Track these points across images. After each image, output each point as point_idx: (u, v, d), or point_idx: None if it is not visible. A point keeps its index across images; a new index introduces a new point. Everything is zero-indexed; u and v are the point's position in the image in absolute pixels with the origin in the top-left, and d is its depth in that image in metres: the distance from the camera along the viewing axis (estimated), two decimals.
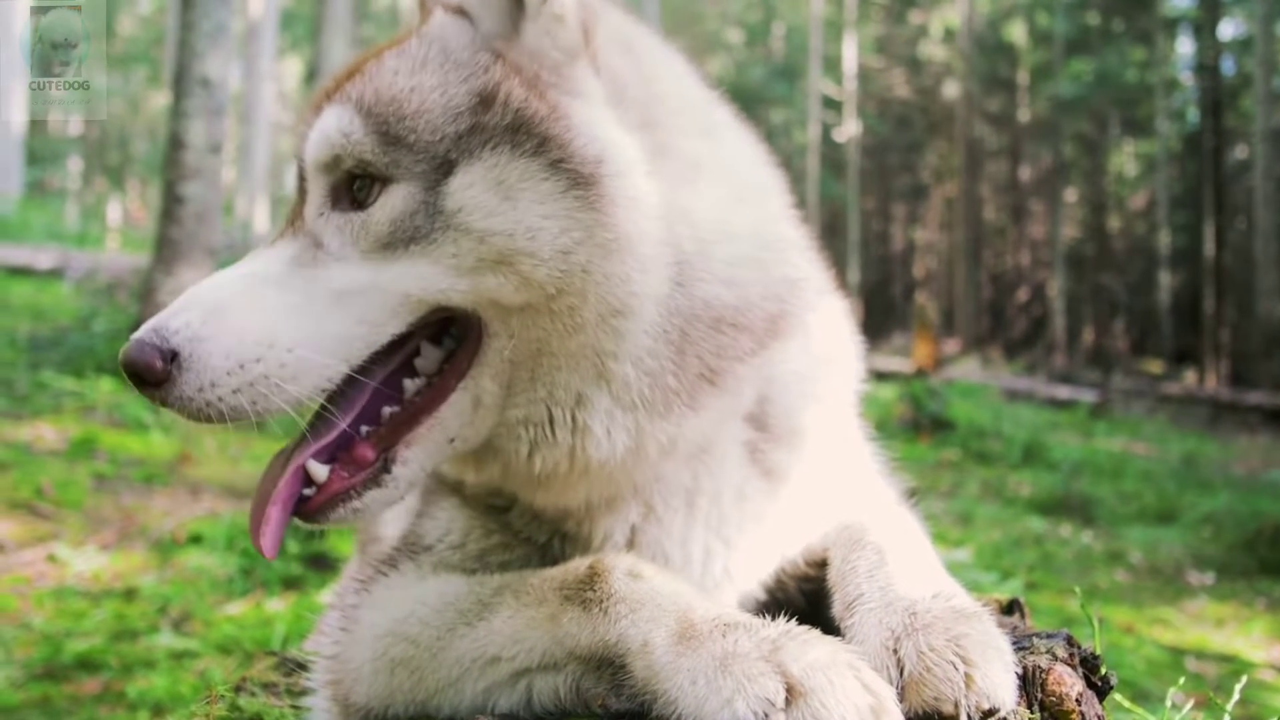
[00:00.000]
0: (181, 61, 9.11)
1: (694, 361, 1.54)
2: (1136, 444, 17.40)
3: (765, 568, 1.76)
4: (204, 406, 1.42)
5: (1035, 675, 1.35)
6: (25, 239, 18.42)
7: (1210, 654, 6.72)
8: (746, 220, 1.63)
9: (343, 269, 1.49)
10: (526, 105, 1.49)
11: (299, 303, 1.47)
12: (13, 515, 5.91)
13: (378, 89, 1.52)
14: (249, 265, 1.54)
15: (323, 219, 1.55)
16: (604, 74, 1.58)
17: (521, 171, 1.46)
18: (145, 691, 4.02)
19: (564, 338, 1.48)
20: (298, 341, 1.44)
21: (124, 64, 42.81)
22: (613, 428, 1.53)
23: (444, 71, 1.52)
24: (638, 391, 1.52)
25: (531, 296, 1.46)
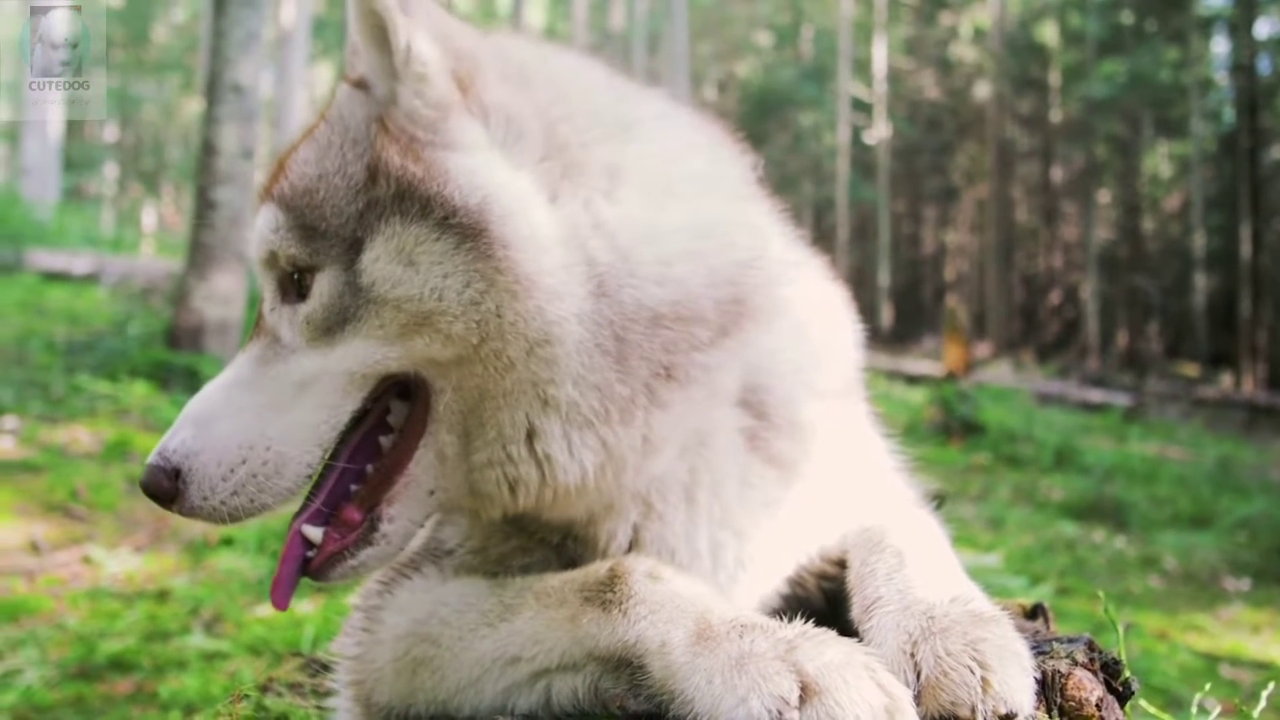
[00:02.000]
0: (214, 68, 9.21)
1: (641, 364, 1.54)
2: (1171, 448, 17.22)
3: (785, 560, 1.76)
4: (213, 511, 1.55)
5: (1055, 680, 1.35)
6: (62, 244, 18.66)
7: (1245, 661, 6.65)
8: (677, 213, 1.62)
9: (298, 360, 1.58)
10: (404, 170, 1.51)
11: (268, 401, 1.57)
12: (48, 517, 5.99)
13: (293, 183, 1.58)
14: (229, 372, 1.66)
15: (275, 313, 1.62)
16: (493, 116, 1.58)
17: (415, 236, 1.49)
18: (177, 692, 4.07)
19: (498, 379, 1.51)
20: (273, 438, 1.55)
21: (158, 71, 43.31)
22: (574, 448, 1.54)
23: (344, 151, 1.57)
24: (587, 408, 1.52)
25: (458, 349, 1.49)
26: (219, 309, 9.07)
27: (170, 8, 46.76)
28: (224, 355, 9.04)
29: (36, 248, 16.64)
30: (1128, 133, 41.35)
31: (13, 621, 4.67)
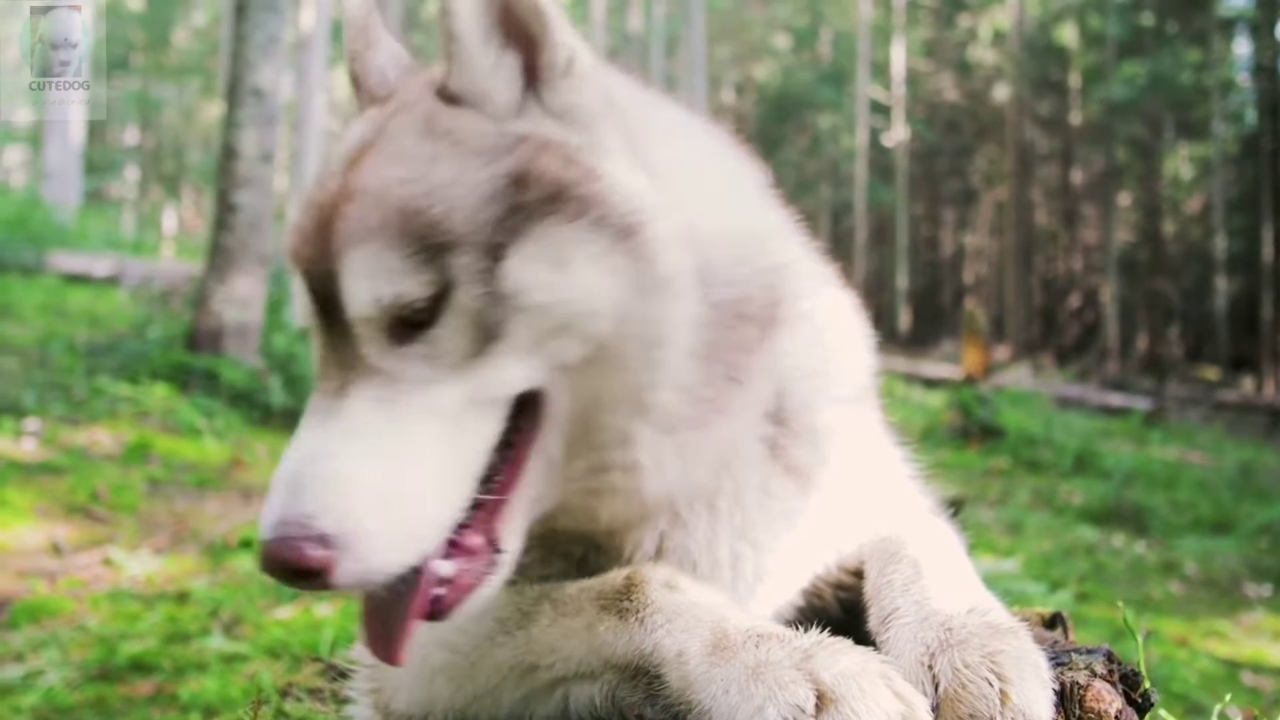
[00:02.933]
0: (234, 72, 9.25)
1: (718, 366, 1.55)
2: (1191, 452, 17.10)
3: (802, 570, 1.76)
4: (374, 575, 1.35)
5: (1073, 691, 1.34)
6: (83, 247, 18.77)
7: (1267, 668, 6.61)
8: (732, 211, 1.65)
9: (435, 392, 1.42)
10: (563, 174, 1.46)
11: (411, 442, 1.40)
12: (69, 519, 6.03)
13: (398, 207, 1.41)
14: (336, 424, 1.41)
15: (391, 355, 1.43)
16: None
17: (567, 239, 1.44)
18: (197, 694, 4.08)
19: (609, 382, 1.49)
20: (429, 481, 1.40)
21: (179, 75, 43.60)
22: (661, 455, 1.54)
23: (460, 161, 1.46)
24: (676, 413, 1.53)
25: (589, 352, 1.45)
26: (238, 312, 9.11)
27: (191, 11, 47.05)
28: (243, 358, 9.09)
29: (58, 250, 16.74)
30: (1148, 135, 41.11)
31: (34, 623, 4.69)
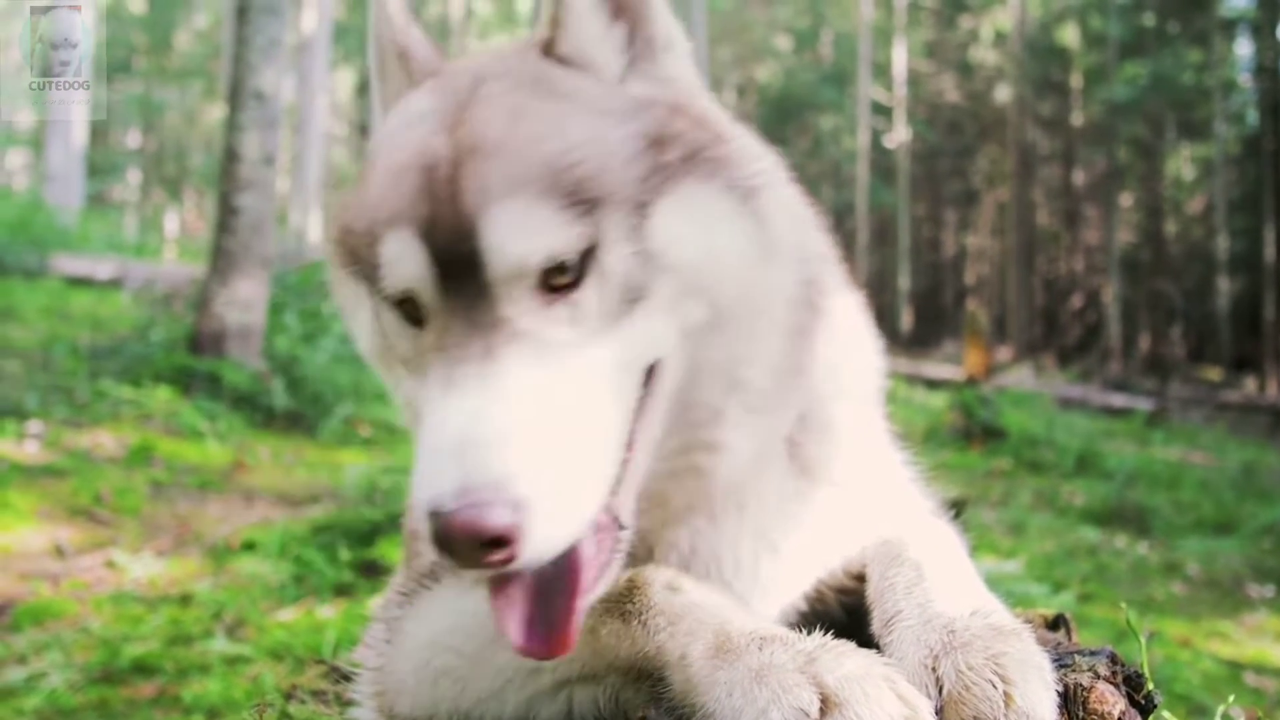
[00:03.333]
0: (236, 75, 9.26)
1: (795, 350, 1.59)
2: (1194, 453, 17.09)
3: (807, 574, 1.76)
4: (555, 544, 1.27)
5: (1077, 693, 1.34)
6: (86, 249, 18.79)
7: (1270, 669, 6.61)
8: (789, 194, 1.68)
9: (585, 355, 1.37)
10: (698, 136, 1.48)
11: (571, 407, 1.34)
12: (72, 521, 6.04)
13: (542, 162, 1.37)
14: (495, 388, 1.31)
15: (536, 317, 1.36)
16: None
17: (705, 198, 1.45)
18: (200, 696, 4.09)
19: (716, 351, 1.48)
20: (594, 450, 1.35)
21: (180, 78, 43.61)
22: (742, 438, 1.55)
23: (594, 120, 1.44)
24: (761, 392, 1.55)
25: (709, 317, 1.45)
26: (241, 315, 9.12)
27: (192, 14, 47.09)
28: (245, 360, 9.09)
29: (60, 253, 16.76)
30: (1150, 135, 41.08)
31: (37, 625, 4.71)
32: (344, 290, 1.59)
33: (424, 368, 1.39)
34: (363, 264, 1.46)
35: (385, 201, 1.42)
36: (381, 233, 1.40)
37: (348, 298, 1.59)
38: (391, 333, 1.47)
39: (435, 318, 1.39)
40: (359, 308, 1.55)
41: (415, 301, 1.41)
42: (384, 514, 5.97)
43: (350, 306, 1.59)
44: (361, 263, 1.46)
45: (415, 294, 1.40)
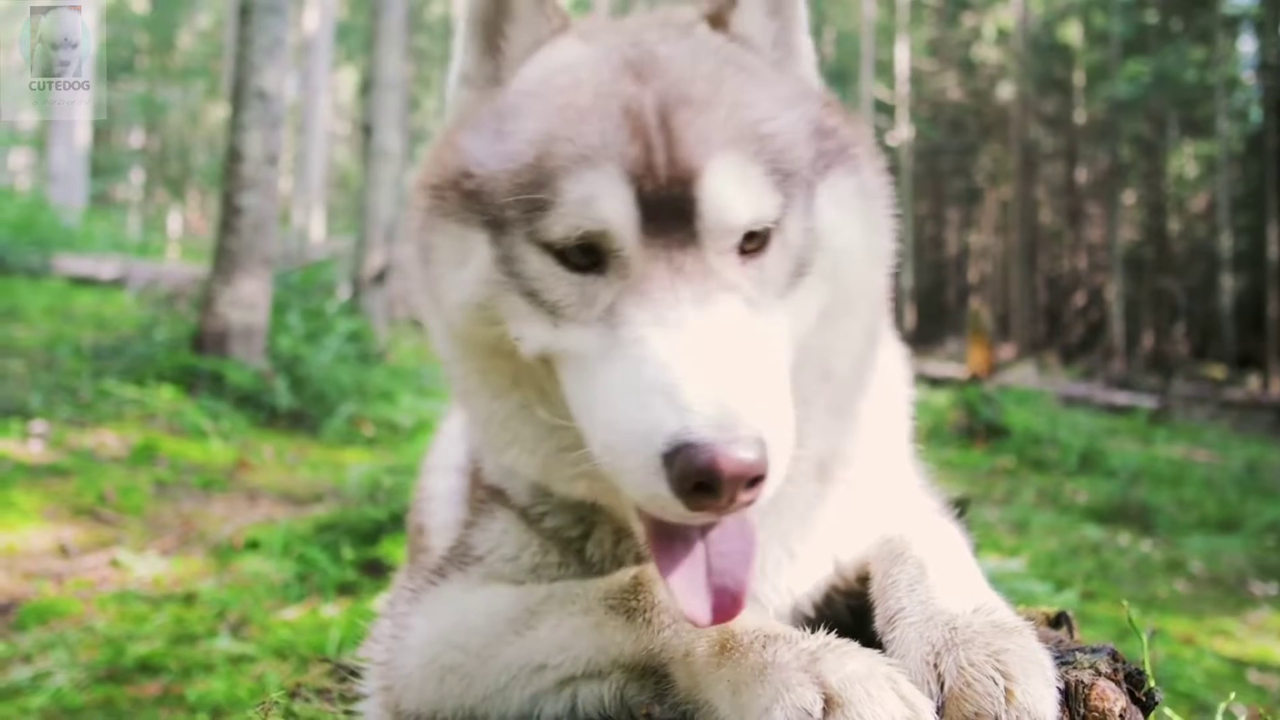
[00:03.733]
0: (239, 75, 9.27)
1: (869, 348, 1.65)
2: (1197, 451, 17.09)
3: (817, 576, 1.77)
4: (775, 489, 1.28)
5: (1078, 690, 1.35)
6: (89, 249, 18.82)
7: (1273, 666, 6.60)
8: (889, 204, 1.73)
9: (767, 319, 1.40)
10: (848, 133, 1.57)
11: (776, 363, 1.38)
12: (77, 521, 6.05)
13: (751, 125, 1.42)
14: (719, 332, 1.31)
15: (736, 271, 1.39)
16: None
17: (849, 190, 1.53)
18: (204, 695, 4.10)
19: (823, 337, 1.53)
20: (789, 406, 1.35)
21: (183, 77, 43.64)
22: (817, 427, 1.56)
23: (775, 99, 1.49)
24: (843, 388, 1.61)
25: (830, 303, 1.52)
26: (244, 314, 9.12)
27: (195, 14, 47.11)
28: (248, 360, 9.10)
29: (64, 253, 16.80)
30: (1153, 133, 41.03)
31: (42, 624, 4.72)
32: (441, 239, 1.52)
33: (594, 312, 1.37)
34: (493, 207, 1.43)
35: (573, 139, 1.38)
36: (573, 169, 1.37)
37: (445, 248, 1.52)
38: (541, 277, 1.41)
39: (628, 262, 1.36)
40: (468, 256, 1.48)
41: (595, 244, 1.38)
42: (387, 513, 5.97)
43: (447, 257, 1.52)
44: (490, 206, 1.43)
45: (607, 235, 1.36)
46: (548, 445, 1.56)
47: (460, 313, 1.51)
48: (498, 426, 1.61)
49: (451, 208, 1.49)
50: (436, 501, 2.22)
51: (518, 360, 1.49)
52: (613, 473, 1.28)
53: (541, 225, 1.38)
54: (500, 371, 1.55)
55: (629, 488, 1.26)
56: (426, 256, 1.56)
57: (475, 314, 1.49)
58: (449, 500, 2.11)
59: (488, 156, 1.45)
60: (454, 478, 2.11)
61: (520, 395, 1.56)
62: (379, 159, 14.13)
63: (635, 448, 1.22)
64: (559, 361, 1.41)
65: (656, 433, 1.20)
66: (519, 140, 1.43)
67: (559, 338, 1.40)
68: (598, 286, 1.38)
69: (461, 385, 1.65)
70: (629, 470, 1.24)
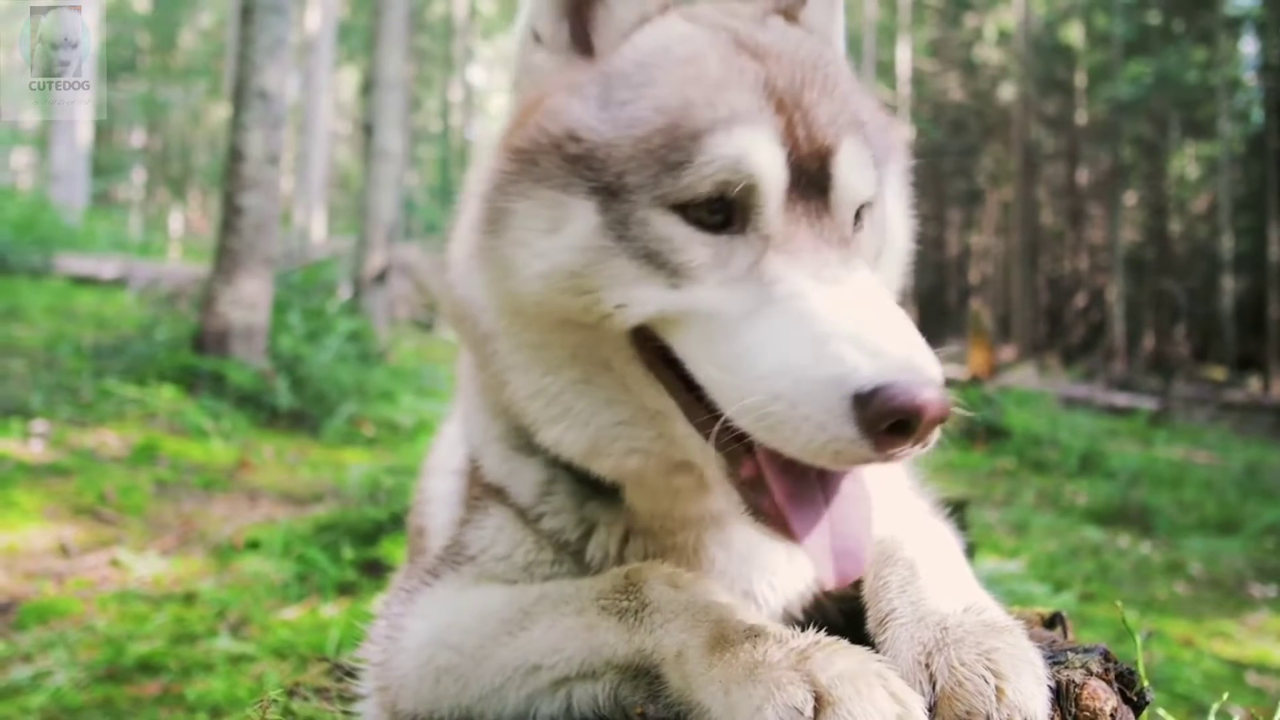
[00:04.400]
0: (240, 75, 9.27)
1: None
2: (1198, 452, 17.09)
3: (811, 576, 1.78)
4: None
5: (1069, 690, 1.36)
6: (90, 249, 18.85)
7: (1272, 668, 6.60)
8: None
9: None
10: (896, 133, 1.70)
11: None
12: (77, 520, 6.06)
13: (856, 112, 1.53)
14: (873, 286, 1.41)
15: (856, 241, 1.50)
16: None
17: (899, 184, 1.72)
18: (204, 694, 4.11)
19: None
20: None
21: (185, 77, 43.68)
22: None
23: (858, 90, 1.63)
24: None
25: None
26: (245, 314, 9.13)
27: (197, 13, 47.15)
28: (249, 359, 9.11)
29: (65, 252, 16.82)
30: (1154, 134, 41.03)
31: (42, 624, 4.72)
32: (526, 205, 1.51)
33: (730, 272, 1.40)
34: (619, 169, 1.43)
35: (715, 104, 1.43)
36: (720, 129, 1.40)
37: (530, 214, 1.51)
38: (670, 238, 1.42)
39: (771, 221, 1.42)
40: (563, 222, 1.47)
41: (737, 200, 1.41)
42: (387, 513, 5.98)
43: (533, 223, 1.50)
44: (612, 169, 1.44)
45: (756, 190, 1.41)
46: (602, 418, 1.56)
47: (542, 281, 1.49)
48: (547, 401, 1.59)
49: (546, 172, 1.48)
50: (435, 504, 2.23)
51: (585, 333, 1.51)
52: (778, 422, 1.28)
53: (674, 186, 1.40)
54: (561, 345, 1.55)
55: (801, 435, 1.26)
56: (499, 224, 1.54)
57: (563, 282, 1.47)
58: (448, 502, 2.12)
59: (600, 122, 1.47)
60: (453, 480, 2.12)
61: (578, 369, 1.56)
62: (380, 159, 14.14)
63: (820, 392, 1.24)
64: (678, 324, 1.42)
65: (849, 376, 1.23)
66: (643, 107, 1.46)
67: (682, 299, 1.42)
68: (734, 245, 1.42)
69: (508, 361, 1.63)
70: (809, 415, 1.25)
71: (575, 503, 1.75)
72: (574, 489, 1.74)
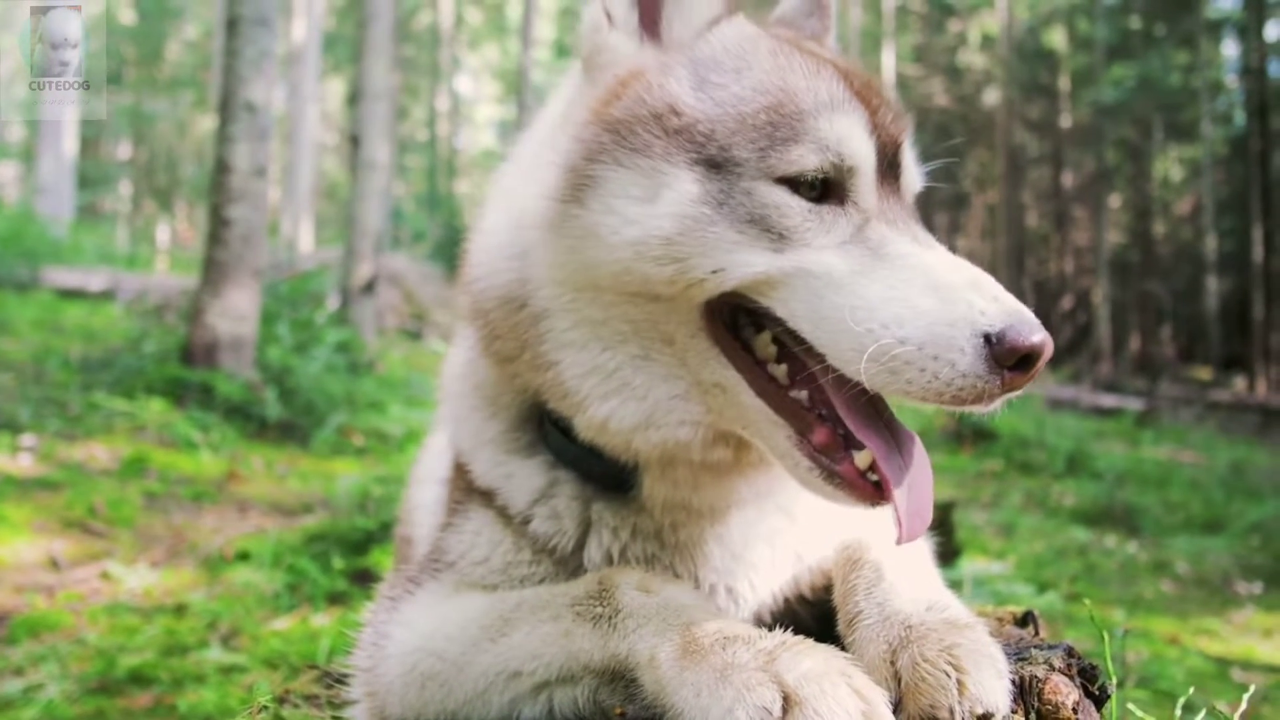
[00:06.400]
0: (227, 87, 9.27)
1: None
2: (1183, 452, 17.17)
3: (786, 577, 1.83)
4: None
5: (1032, 684, 1.41)
6: (77, 261, 18.79)
7: (1257, 664, 6.66)
8: None
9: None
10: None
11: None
12: (67, 534, 6.06)
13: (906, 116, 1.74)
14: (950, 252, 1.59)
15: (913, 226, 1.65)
16: None
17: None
18: (195, 705, 4.11)
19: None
20: None
21: (171, 88, 43.57)
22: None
23: None
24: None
25: None
26: (233, 325, 9.13)
27: (182, 25, 47.04)
28: (238, 371, 9.11)
29: (52, 265, 16.76)
30: (1138, 137, 41.22)
31: (33, 637, 4.73)
32: (621, 174, 1.57)
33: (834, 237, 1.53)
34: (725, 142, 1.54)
35: (815, 90, 1.59)
36: (823, 113, 1.56)
37: (626, 182, 1.56)
38: (777, 206, 1.51)
39: (867, 195, 1.58)
40: (660, 190, 1.53)
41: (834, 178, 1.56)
42: (377, 523, 5.99)
43: (628, 191, 1.56)
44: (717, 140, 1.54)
45: (854, 170, 1.57)
46: (659, 392, 1.61)
47: (631, 249, 1.54)
48: (603, 377, 1.63)
49: (645, 143, 1.57)
50: (421, 511, 2.26)
51: (654, 306, 1.58)
52: (904, 364, 1.40)
53: (783, 159, 1.52)
54: (625, 319, 1.60)
55: (928, 374, 1.40)
56: (586, 191, 1.59)
57: (656, 249, 1.52)
58: (432, 510, 2.16)
59: (699, 100, 1.58)
60: (438, 489, 2.16)
61: (638, 345, 1.61)
62: (367, 169, 14.15)
63: (952, 333, 1.38)
64: (783, 284, 1.51)
65: (978, 319, 1.39)
66: (745, 87, 1.59)
67: (787, 261, 1.51)
68: (835, 214, 1.55)
69: (563, 339, 1.66)
70: (939, 354, 1.39)
71: (579, 504, 1.78)
72: (578, 490, 1.78)
